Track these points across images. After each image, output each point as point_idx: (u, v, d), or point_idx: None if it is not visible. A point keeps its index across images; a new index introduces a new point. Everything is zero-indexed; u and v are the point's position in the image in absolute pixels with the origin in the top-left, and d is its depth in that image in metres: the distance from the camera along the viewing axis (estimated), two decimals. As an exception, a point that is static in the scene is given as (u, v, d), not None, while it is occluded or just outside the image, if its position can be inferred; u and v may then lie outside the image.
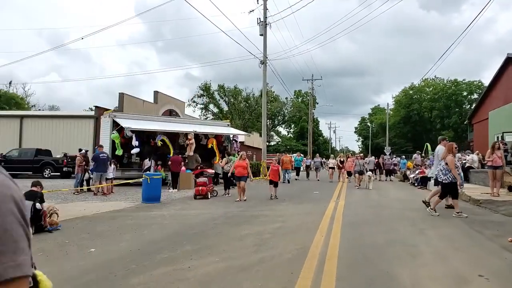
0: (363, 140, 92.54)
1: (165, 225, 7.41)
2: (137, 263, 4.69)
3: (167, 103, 32.06)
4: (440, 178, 8.48)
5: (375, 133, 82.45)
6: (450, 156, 8.28)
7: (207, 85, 73.67)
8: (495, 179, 11.19)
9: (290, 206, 10.34)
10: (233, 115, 71.95)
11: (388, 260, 4.84)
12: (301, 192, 14.72)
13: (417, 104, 69.61)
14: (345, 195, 13.21)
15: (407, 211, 9.33)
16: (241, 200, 11.25)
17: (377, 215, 8.67)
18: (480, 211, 9.23)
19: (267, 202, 11.11)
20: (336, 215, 8.48)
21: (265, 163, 23.18)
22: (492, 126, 25.90)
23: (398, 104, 73.28)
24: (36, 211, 6.23)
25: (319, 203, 10.83)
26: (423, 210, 9.08)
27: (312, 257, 4.94)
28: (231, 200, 11.62)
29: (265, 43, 22.93)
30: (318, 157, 24.68)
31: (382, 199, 12.38)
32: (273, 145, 79.94)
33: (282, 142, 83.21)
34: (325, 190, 15.26)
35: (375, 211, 9.34)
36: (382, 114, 76.89)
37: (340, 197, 12.47)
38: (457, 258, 4.95)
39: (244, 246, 5.62)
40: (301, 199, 12.31)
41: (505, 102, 23.63)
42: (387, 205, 10.60)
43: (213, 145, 16.96)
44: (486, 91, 27.36)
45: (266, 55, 22.81)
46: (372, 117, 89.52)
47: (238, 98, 76.40)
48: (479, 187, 13.64)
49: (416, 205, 10.42)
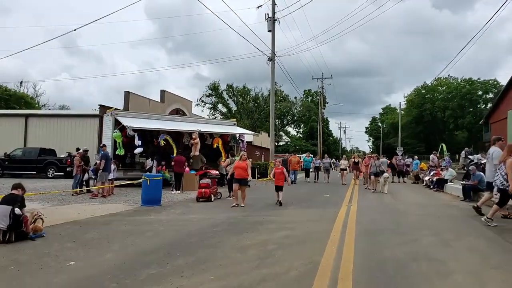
0: (374, 141, 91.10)
1: (161, 232, 6.75)
2: (119, 281, 4.02)
3: (174, 102, 31.59)
4: (502, 184, 7.34)
5: (386, 133, 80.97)
6: (511, 160, 7.23)
7: (215, 84, 73.28)
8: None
9: (298, 211, 9.61)
10: (241, 115, 71.40)
11: (413, 280, 4.09)
12: (310, 195, 13.97)
13: (430, 104, 68.07)
14: (357, 199, 12.42)
15: (428, 218, 8.52)
16: (239, 205, 10.17)
17: (395, 223, 7.89)
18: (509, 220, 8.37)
19: (274, 206, 10.38)
20: (349, 222, 7.73)
21: (273, 164, 22.43)
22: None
23: (410, 104, 71.80)
24: (16, 217, 5.61)
25: (329, 208, 10.08)
26: (445, 216, 8.31)
27: (322, 275, 4.22)
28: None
29: (273, 39, 22.21)
30: (327, 157, 23.36)
31: (397, 203, 11.55)
32: (282, 145, 79.14)
33: (291, 142, 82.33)
34: (336, 193, 14.48)
35: (391, 218, 8.56)
36: (394, 114, 75.52)
37: (352, 201, 11.69)
38: (498, 280, 4.17)
39: (245, 259, 4.92)
40: (310, 203, 11.57)
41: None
42: (404, 211, 9.78)
43: (219, 144, 16.28)
44: (505, 89, 26.21)
45: (275, 51, 22.08)
46: (383, 117, 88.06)
47: (247, 97, 75.88)
48: None
49: (436, 210, 9.61)
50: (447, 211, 9.83)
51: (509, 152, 7.42)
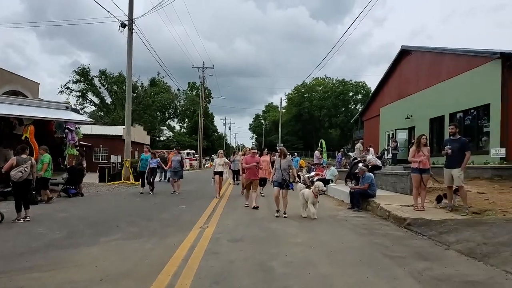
0: (257, 137, 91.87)
1: None
2: None
3: (9, 82, 24.19)
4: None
5: (269, 131, 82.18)
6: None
7: (85, 69, 63.26)
8: (420, 187, 8.20)
9: (111, 248, 5.55)
10: (116, 106, 63.14)
11: None
12: (157, 209, 10.04)
13: (308, 103, 70.84)
14: (219, 216, 8.93)
15: (313, 252, 5.40)
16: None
17: (261, 266, 4.51)
18: (417, 243, 5.81)
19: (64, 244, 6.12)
20: (186, 269, 4.06)
21: (128, 162, 17.72)
22: (384, 123, 25.00)
23: (290, 102, 73.75)
24: None
25: (171, 235, 6.32)
26: (339, 250, 5.33)
27: None
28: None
29: (131, 1, 17.27)
30: (177, 153, 13.85)
31: (272, 221, 8.44)
32: (163, 141, 73.29)
33: (173, 137, 76.89)
34: (197, 204, 10.87)
35: (259, 256, 5.18)
36: (275, 111, 76.70)
37: (212, 220, 8.13)
38: None
39: None
40: (147, 223, 7.60)
41: (399, 97, 22.58)
42: (282, 234, 6.60)
43: (28, 135, 10.91)
44: (378, 87, 26.48)
45: (132, 18, 17.25)
46: (266, 114, 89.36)
47: (123, 86, 67.61)
48: (390, 195, 10.78)
49: (324, 232, 6.62)
50: (338, 232, 7.01)
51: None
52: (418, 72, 20.26)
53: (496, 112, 13.78)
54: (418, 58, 20.58)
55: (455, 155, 7.65)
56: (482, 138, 15.32)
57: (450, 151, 7.68)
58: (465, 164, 7.71)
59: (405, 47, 21.73)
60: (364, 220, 8.12)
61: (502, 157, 12.83)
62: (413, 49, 21.15)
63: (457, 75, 16.43)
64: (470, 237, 5.50)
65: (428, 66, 19.31)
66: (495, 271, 4.26)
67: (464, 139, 8.00)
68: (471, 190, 9.54)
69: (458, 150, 7.64)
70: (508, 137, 13.25)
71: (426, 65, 19.54)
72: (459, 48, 16.87)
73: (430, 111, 18.61)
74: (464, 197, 7.61)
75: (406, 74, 21.98)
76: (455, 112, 16.65)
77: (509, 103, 13.35)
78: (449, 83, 17.07)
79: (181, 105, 79.93)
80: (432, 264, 4.59)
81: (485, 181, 11.30)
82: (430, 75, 18.89)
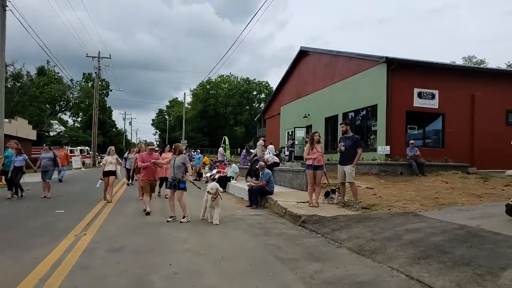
0: (161, 133, 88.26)
1: None
2: None
3: None
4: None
5: (173, 127, 79.50)
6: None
7: None
8: (314, 183, 8.26)
9: None
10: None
11: None
12: (28, 213, 8.44)
13: (214, 100, 70.49)
14: (102, 222, 7.79)
15: (203, 260, 4.82)
16: None
17: (138, 281, 3.78)
18: (311, 242, 5.67)
19: None
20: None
21: (0, 160, 14.93)
22: (284, 121, 25.78)
23: (196, 98, 72.47)
24: None
25: (35, 247, 5.13)
26: (230, 259, 4.86)
27: None
28: None
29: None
30: (49, 150, 11.96)
31: (165, 226, 7.65)
32: (53, 136, 65.50)
33: (65, 132, 69.21)
34: (77, 209, 9.46)
35: (137, 272, 4.41)
36: (180, 107, 74.58)
37: (92, 227, 7.00)
38: None
39: None
40: (10, 232, 6.18)
41: (298, 97, 23.44)
42: (168, 244, 5.89)
43: None
44: (279, 87, 27.22)
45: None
46: (170, 110, 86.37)
47: (4, 74, 58.23)
48: (288, 191, 10.83)
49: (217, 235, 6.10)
50: (232, 235, 6.57)
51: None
52: (315, 73, 21.25)
53: (382, 112, 15.00)
54: (315, 59, 21.59)
55: (348, 152, 7.85)
56: (370, 137, 16.61)
57: (343, 148, 7.86)
58: (357, 161, 7.97)
59: (303, 48, 22.62)
60: (261, 218, 7.86)
61: (387, 154, 13.98)
62: (311, 50, 22.12)
63: (349, 77, 17.56)
64: (360, 233, 5.52)
65: (324, 68, 20.34)
66: (381, 269, 4.21)
67: (357, 136, 8.27)
68: (361, 186, 10.04)
69: (350, 147, 7.85)
70: (391, 136, 14.51)
71: (322, 67, 20.57)
72: (352, 52, 18.09)
73: (326, 110, 19.63)
74: (355, 193, 7.85)
75: (304, 75, 22.91)
76: (347, 111, 17.79)
77: (392, 103, 14.62)
78: (342, 84, 18.19)
79: (74, 98, 72.48)
80: (324, 266, 4.39)
81: (373, 177, 12.11)
82: (325, 76, 19.93)
